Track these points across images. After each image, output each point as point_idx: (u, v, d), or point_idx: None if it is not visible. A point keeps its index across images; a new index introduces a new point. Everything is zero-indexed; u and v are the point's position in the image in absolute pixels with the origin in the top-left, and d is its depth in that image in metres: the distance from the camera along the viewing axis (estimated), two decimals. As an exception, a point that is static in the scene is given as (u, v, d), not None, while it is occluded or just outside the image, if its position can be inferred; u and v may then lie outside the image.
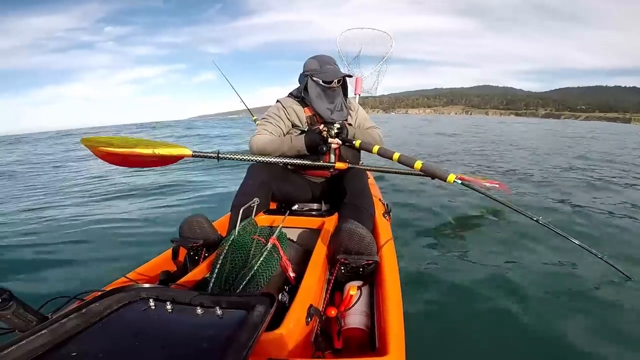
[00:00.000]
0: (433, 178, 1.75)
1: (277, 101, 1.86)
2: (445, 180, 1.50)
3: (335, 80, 1.76)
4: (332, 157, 1.82)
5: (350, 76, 1.85)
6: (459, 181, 1.48)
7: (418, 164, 1.56)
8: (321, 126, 1.73)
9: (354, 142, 1.70)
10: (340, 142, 1.72)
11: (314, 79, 1.76)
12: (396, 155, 1.62)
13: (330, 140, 1.70)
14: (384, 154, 1.65)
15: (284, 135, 1.82)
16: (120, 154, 1.47)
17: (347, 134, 1.74)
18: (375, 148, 1.65)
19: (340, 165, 1.73)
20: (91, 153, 1.53)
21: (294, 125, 1.83)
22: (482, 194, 1.60)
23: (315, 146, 1.69)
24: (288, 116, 1.80)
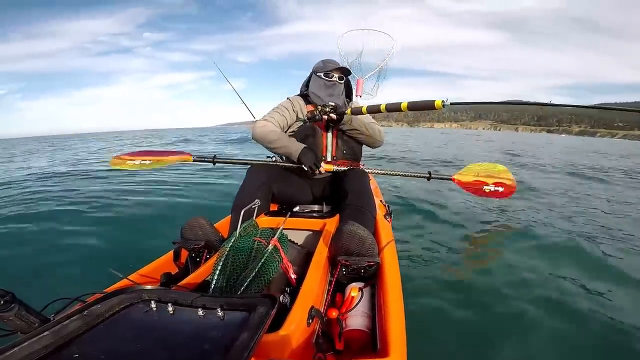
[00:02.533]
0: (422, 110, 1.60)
1: (287, 98, 1.98)
2: (434, 107, 1.42)
3: (336, 76, 1.87)
4: (330, 148, 1.88)
5: (349, 71, 1.93)
6: (448, 102, 1.38)
7: (404, 105, 1.54)
8: (318, 109, 1.77)
9: (345, 112, 1.74)
10: (334, 117, 1.76)
11: (317, 74, 1.87)
12: (383, 106, 1.62)
13: (325, 117, 1.76)
14: (372, 110, 1.67)
15: (287, 125, 1.91)
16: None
17: (343, 110, 1.77)
18: (364, 108, 1.68)
19: (327, 167, 1.80)
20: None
21: (297, 118, 1.91)
22: (475, 103, 1.51)
23: (305, 164, 1.72)
24: (294, 108, 1.91)
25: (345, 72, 1.91)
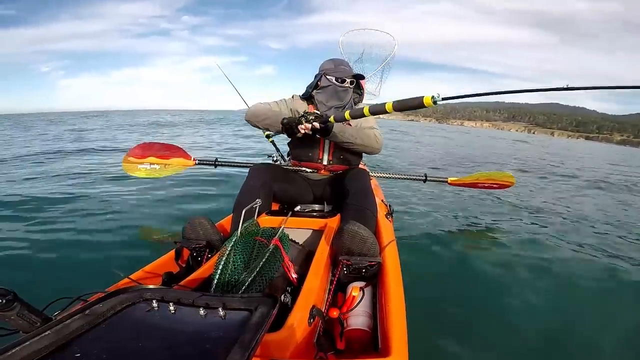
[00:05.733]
0: (410, 109, 1.37)
1: (292, 95, 1.95)
2: (423, 105, 1.21)
3: (348, 81, 1.82)
4: (327, 151, 1.85)
5: (362, 77, 1.90)
6: (439, 98, 1.17)
7: (389, 105, 1.36)
8: (302, 114, 1.66)
9: (329, 121, 1.61)
10: (309, 127, 1.63)
11: (328, 77, 1.81)
12: (366, 109, 1.47)
13: (301, 126, 1.64)
14: (355, 114, 1.53)
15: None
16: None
17: (327, 119, 1.63)
18: (347, 113, 1.53)
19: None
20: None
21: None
22: (468, 96, 1.25)
23: (289, 127, 1.66)
24: (291, 105, 1.88)
25: (359, 77, 1.88)
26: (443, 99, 1.17)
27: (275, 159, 2.33)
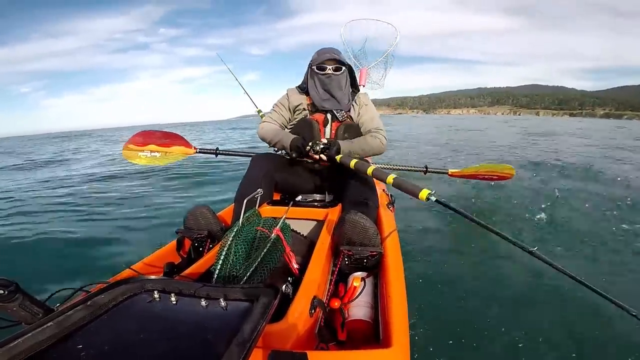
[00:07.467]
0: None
1: (286, 91, 1.93)
2: (417, 196, 1.29)
3: (331, 68, 1.75)
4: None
5: (343, 63, 1.79)
6: (433, 198, 1.24)
7: (390, 179, 1.38)
8: (309, 143, 1.70)
9: (335, 159, 1.63)
10: (318, 158, 1.71)
11: (312, 67, 1.79)
12: (370, 170, 1.46)
13: (311, 153, 1.70)
14: (360, 168, 1.51)
15: (287, 121, 1.91)
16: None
17: (337, 150, 1.67)
18: (352, 163, 1.52)
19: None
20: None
21: (296, 111, 1.89)
22: (460, 214, 1.28)
23: (297, 150, 1.72)
24: (289, 103, 1.88)
25: (338, 63, 1.78)
26: (437, 201, 1.24)
27: (276, 148, 2.33)
